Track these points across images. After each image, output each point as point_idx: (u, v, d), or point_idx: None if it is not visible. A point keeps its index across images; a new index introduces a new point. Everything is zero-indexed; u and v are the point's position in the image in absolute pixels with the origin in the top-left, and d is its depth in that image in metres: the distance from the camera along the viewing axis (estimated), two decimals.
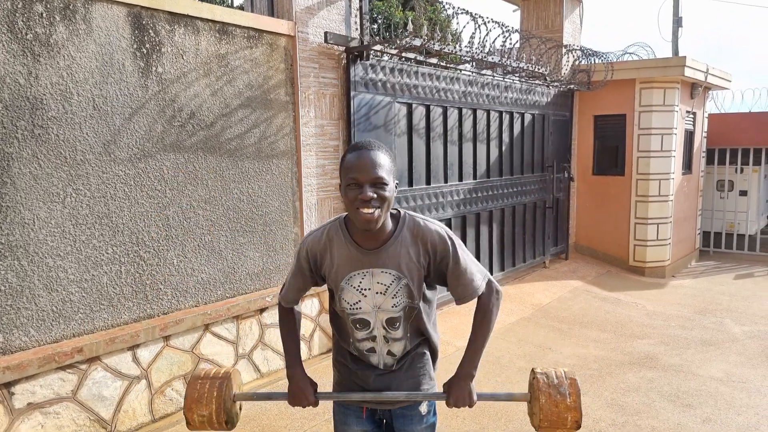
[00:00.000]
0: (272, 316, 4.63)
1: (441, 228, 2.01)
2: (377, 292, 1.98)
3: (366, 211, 1.83)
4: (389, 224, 1.97)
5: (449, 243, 1.98)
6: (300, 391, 2.09)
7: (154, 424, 3.83)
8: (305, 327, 4.90)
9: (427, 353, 2.17)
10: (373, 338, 2.07)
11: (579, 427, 2.00)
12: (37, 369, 3.25)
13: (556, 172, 8.43)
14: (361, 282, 1.98)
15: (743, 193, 10.75)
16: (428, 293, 2.09)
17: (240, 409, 2.20)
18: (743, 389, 4.56)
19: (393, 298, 1.99)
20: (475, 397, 2.05)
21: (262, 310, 4.54)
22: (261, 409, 4.02)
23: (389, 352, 2.09)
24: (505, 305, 6.64)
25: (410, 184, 5.82)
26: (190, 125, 4.03)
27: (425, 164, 6.03)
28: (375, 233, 1.94)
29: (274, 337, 4.66)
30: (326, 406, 4.05)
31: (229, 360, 4.33)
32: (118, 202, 3.68)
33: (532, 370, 2.11)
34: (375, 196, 1.82)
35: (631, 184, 8.72)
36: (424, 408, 2.16)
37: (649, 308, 7.00)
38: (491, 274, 7.05)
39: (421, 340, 2.14)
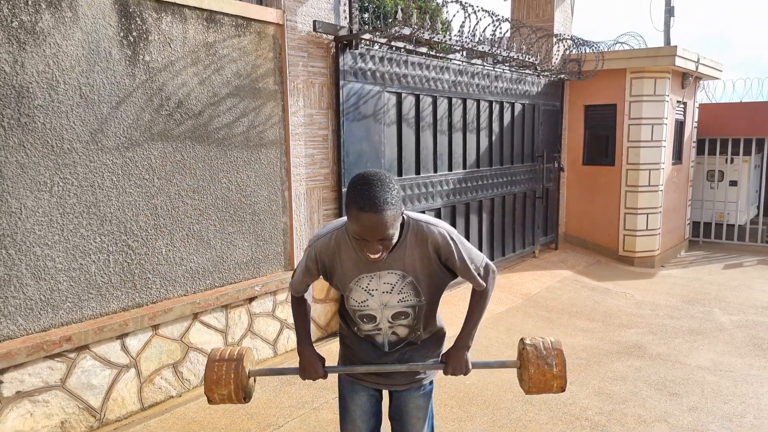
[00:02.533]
0: (261, 306, 4.64)
1: (443, 228, 2.07)
2: (384, 292, 2.11)
3: (373, 256, 1.91)
4: None
5: (452, 243, 2.07)
6: (310, 365, 2.22)
7: (143, 412, 3.84)
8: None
9: (432, 341, 2.35)
10: (379, 329, 2.22)
11: (563, 390, 2.20)
12: (25, 357, 3.25)
13: (546, 162, 8.45)
14: (369, 283, 2.10)
15: (733, 183, 10.81)
16: (437, 291, 2.21)
17: (254, 382, 2.36)
18: (730, 378, 4.61)
19: (399, 294, 2.12)
20: (470, 366, 2.23)
21: (251, 300, 4.55)
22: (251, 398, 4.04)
23: (393, 333, 2.25)
24: (494, 295, 6.65)
25: (399, 173, 5.83)
26: (177, 114, 4.02)
27: (415, 154, 6.03)
28: None
29: (263, 326, 4.68)
30: (314, 396, 4.09)
31: None
32: (105, 191, 3.67)
33: (521, 340, 2.27)
34: (381, 247, 1.89)
35: (621, 174, 8.75)
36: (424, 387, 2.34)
37: (637, 298, 7.05)
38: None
39: (425, 328, 2.30)
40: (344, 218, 2.07)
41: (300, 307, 2.32)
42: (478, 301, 2.26)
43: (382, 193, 1.80)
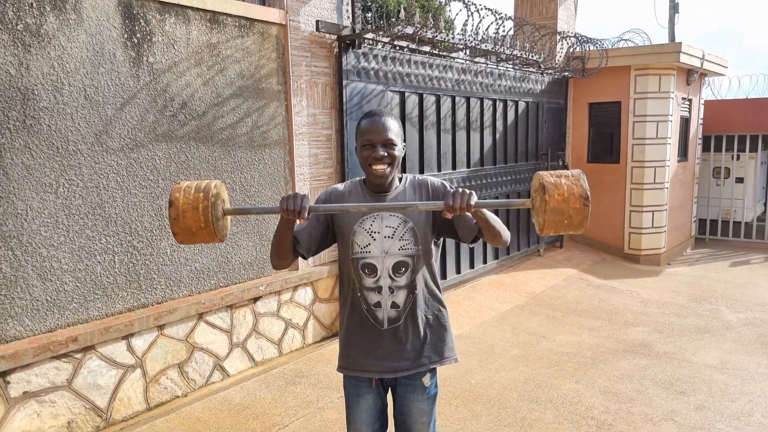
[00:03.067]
0: (266, 305, 4.65)
1: (439, 178, 2.35)
2: (386, 236, 2.20)
3: (378, 167, 2.14)
4: (396, 182, 2.28)
5: (447, 185, 2.27)
6: (293, 195, 1.95)
7: (149, 412, 3.86)
8: (298, 316, 4.93)
9: (432, 319, 2.32)
10: (380, 289, 2.22)
11: (586, 219, 1.85)
12: (32, 358, 3.27)
13: (550, 160, 8.43)
14: (371, 225, 2.20)
15: (739, 180, 10.75)
16: (432, 248, 2.29)
17: (229, 223, 2.11)
18: (737, 376, 4.59)
19: (400, 240, 2.20)
20: (474, 199, 1.93)
21: (255, 299, 4.56)
22: (254, 398, 4.05)
23: (393, 304, 2.24)
24: (499, 293, 6.67)
25: (404, 172, 5.82)
26: (181, 115, 4.03)
27: (418, 153, 6.03)
28: (385, 187, 2.23)
29: (268, 326, 4.68)
30: (320, 396, 4.09)
31: (223, 349, 4.35)
32: (110, 192, 3.68)
33: (536, 173, 1.95)
34: (386, 154, 2.13)
35: (626, 171, 8.72)
36: (426, 380, 2.31)
37: (643, 296, 7.03)
38: (485, 262, 7.14)
39: (425, 299, 2.29)
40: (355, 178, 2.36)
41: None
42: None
43: (384, 109, 2.17)
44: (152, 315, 3.85)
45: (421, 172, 6.05)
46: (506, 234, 2.14)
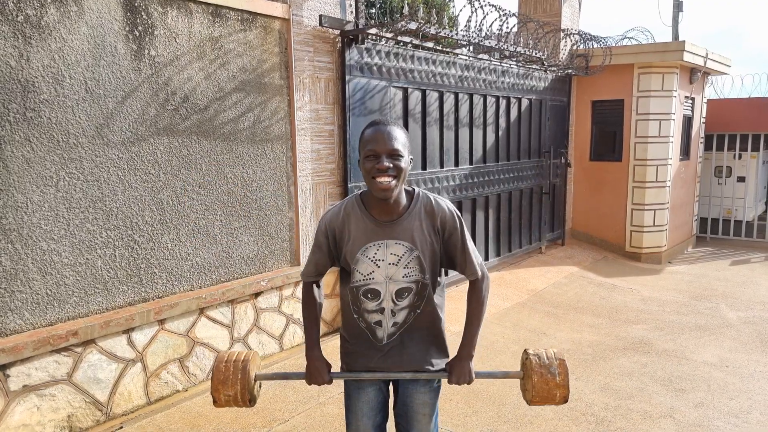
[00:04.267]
0: (267, 301, 4.65)
1: (452, 207, 2.20)
2: (390, 263, 2.12)
3: (382, 180, 1.98)
4: (404, 199, 2.13)
5: (457, 222, 2.16)
6: (317, 371, 2.23)
7: (149, 406, 3.86)
8: (300, 311, 4.91)
9: (433, 329, 2.30)
10: (381, 310, 2.18)
11: (566, 401, 2.20)
12: (32, 352, 3.27)
13: (552, 158, 8.41)
14: (375, 253, 2.12)
15: (741, 179, 10.74)
16: (438, 270, 2.24)
17: (260, 387, 2.38)
18: (736, 374, 4.59)
19: (405, 268, 2.12)
20: (473, 375, 2.22)
21: (256, 295, 4.56)
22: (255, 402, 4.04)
23: (394, 324, 2.22)
24: (500, 290, 6.66)
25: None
26: (183, 109, 4.02)
27: (421, 149, 6.01)
28: (390, 206, 2.09)
29: (269, 321, 4.68)
30: (320, 391, 4.09)
31: (224, 344, 4.35)
32: (111, 185, 3.67)
33: (525, 350, 2.30)
34: (391, 165, 1.99)
35: (629, 169, 8.71)
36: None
37: (644, 294, 7.02)
38: (487, 259, 7.14)
39: (426, 313, 2.26)
40: (352, 194, 2.24)
41: (310, 308, 2.32)
42: (476, 308, 2.27)
43: (390, 119, 2.11)
44: (153, 309, 3.85)
45: (424, 168, 6.04)
46: (485, 310, 2.33)
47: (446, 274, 2.35)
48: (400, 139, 2.03)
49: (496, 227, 7.39)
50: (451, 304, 5.95)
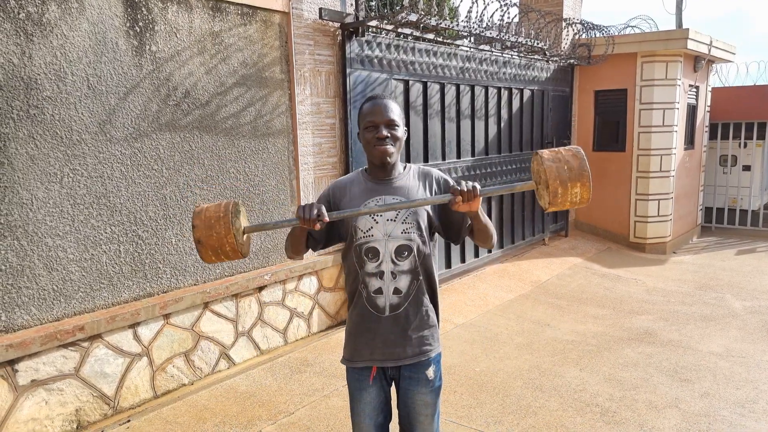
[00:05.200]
0: (271, 294, 4.67)
1: (442, 172, 2.38)
2: (388, 219, 2.21)
3: (381, 146, 2.17)
4: (400, 167, 2.31)
5: (451, 179, 2.31)
6: (308, 205, 2.03)
7: (156, 400, 3.89)
8: (303, 305, 4.94)
9: (432, 311, 2.33)
10: (381, 274, 2.22)
11: (588, 197, 1.93)
12: (39, 347, 3.30)
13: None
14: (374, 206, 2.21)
15: (746, 168, 10.69)
16: (432, 233, 2.31)
17: (249, 241, 2.20)
18: (742, 364, 4.59)
19: (402, 224, 2.21)
20: (478, 189, 2.00)
21: (260, 289, 4.58)
22: (260, 386, 4.07)
23: (395, 290, 2.23)
24: (504, 282, 6.67)
25: (408, 161, 5.81)
26: (185, 104, 4.03)
27: (423, 142, 6.01)
28: (387, 170, 2.26)
29: (273, 315, 4.70)
30: (325, 384, 4.11)
31: (229, 337, 4.37)
32: (115, 181, 3.69)
33: (534, 152, 2.04)
34: (389, 135, 2.19)
35: (632, 159, 8.68)
36: (430, 372, 2.30)
37: (649, 284, 7.02)
38: (490, 251, 7.10)
39: (426, 288, 2.29)
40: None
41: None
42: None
43: (385, 94, 2.22)
44: (158, 304, 3.87)
45: (426, 161, 6.04)
46: (495, 236, 2.28)
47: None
48: (395, 111, 2.23)
49: (499, 219, 7.39)
50: (455, 296, 5.98)
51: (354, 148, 5.13)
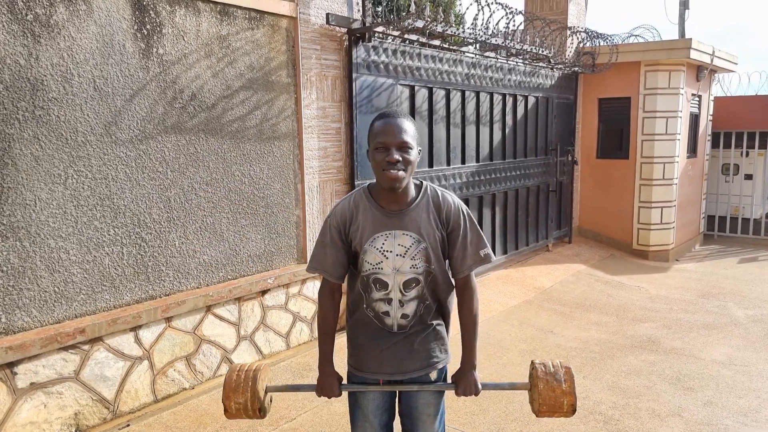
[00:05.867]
0: (274, 298, 4.65)
1: (459, 202, 2.22)
2: (398, 255, 2.12)
3: (392, 172, 2.01)
4: (412, 191, 2.15)
5: (462, 218, 2.18)
6: (328, 385, 2.25)
7: (156, 404, 3.86)
8: (307, 309, 4.92)
9: (441, 325, 2.31)
10: (389, 300, 2.17)
11: (574, 410, 2.17)
12: (39, 349, 3.28)
13: (559, 156, 8.39)
14: (383, 243, 2.12)
15: (749, 176, 10.69)
16: (443, 264, 2.23)
17: (271, 400, 2.41)
18: (745, 372, 4.57)
19: (412, 260, 2.12)
20: (479, 387, 2.25)
21: (263, 292, 4.56)
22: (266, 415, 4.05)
23: (403, 315, 2.20)
24: (507, 288, 6.65)
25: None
26: (191, 107, 4.02)
27: (428, 147, 6.00)
28: (398, 196, 2.11)
29: (276, 318, 4.68)
30: None
31: (231, 341, 4.35)
32: (119, 183, 3.68)
33: (532, 362, 2.29)
34: (400, 159, 2.01)
35: (636, 167, 8.68)
36: (434, 374, 2.30)
37: (651, 292, 7.00)
38: (494, 256, 7.11)
39: (435, 307, 2.26)
40: (359, 188, 2.24)
41: (327, 319, 2.25)
42: (469, 318, 2.26)
43: (400, 110, 2.18)
44: (160, 307, 3.85)
45: (431, 166, 6.04)
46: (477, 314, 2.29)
47: None
48: (409, 131, 2.05)
49: (502, 225, 7.37)
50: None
51: (359, 153, 5.12)
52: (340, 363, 2.34)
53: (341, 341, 4.89)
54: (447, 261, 2.25)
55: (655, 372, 4.55)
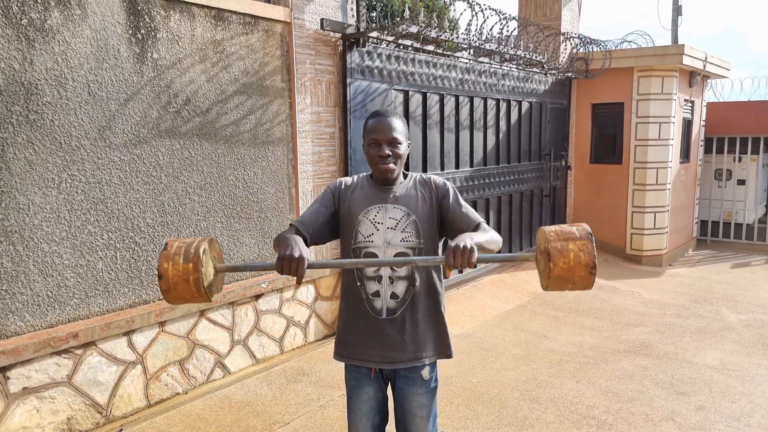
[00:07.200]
0: (267, 303, 4.65)
1: (442, 178, 2.43)
2: (389, 227, 2.25)
3: (384, 165, 2.24)
4: (402, 177, 2.38)
5: (449, 185, 2.37)
6: (287, 258, 1.90)
7: (149, 409, 3.85)
8: (300, 314, 4.92)
9: (431, 315, 2.32)
10: (379, 278, 2.26)
11: (592, 280, 1.85)
12: (32, 354, 3.27)
13: (553, 161, 8.42)
14: (376, 215, 2.27)
15: (741, 182, 10.73)
16: (437, 242, 2.35)
17: (222, 283, 2.08)
18: (738, 377, 4.59)
19: (402, 232, 2.24)
20: (475, 254, 1.89)
21: (257, 297, 4.56)
22: (255, 395, 4.04)
23: (393, 295, 2.26)
24: (501, 293, 6.66)
25: (407, 170, 5.81)
26: (185, 111, 4.02)
27: (422, 152, 6.02)
28: (390, 183, 2.32)
29: (270, 323, 4.68)
30: (321, 394, 4.08)
31: (224, 346, 4.35)
32: (113, 187, 3.68)
33: (540, 228, 2.00)
34: (391, 153, 2.25)
35: (629, 172, 8.71)
36: (426, 373, 2.32)
37: (645, 297, 7.02)
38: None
39: (426, 294, 2.30)
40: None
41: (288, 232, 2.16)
42: (486, 231, 2.18)
43: (390, 109, 2.39)
44: (153, 311, 3.85)
45: (425, 170, 6.05)
46: (499, 246, 2.22)
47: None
48: (398, 128, 2.27)
49: (496, 229, 7.36)
50: (453, 306, 5.96)
51: (353, 158, 5.13)
52: (334, 369, 2.34)
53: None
54: (441, 243, 2.36)
55: (648, 377, 4.57)
